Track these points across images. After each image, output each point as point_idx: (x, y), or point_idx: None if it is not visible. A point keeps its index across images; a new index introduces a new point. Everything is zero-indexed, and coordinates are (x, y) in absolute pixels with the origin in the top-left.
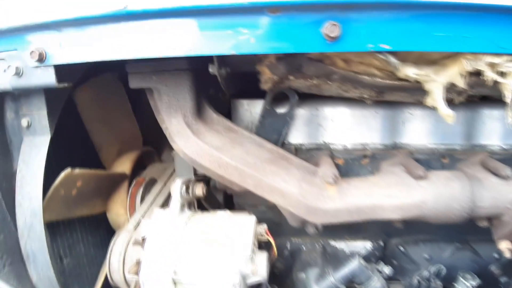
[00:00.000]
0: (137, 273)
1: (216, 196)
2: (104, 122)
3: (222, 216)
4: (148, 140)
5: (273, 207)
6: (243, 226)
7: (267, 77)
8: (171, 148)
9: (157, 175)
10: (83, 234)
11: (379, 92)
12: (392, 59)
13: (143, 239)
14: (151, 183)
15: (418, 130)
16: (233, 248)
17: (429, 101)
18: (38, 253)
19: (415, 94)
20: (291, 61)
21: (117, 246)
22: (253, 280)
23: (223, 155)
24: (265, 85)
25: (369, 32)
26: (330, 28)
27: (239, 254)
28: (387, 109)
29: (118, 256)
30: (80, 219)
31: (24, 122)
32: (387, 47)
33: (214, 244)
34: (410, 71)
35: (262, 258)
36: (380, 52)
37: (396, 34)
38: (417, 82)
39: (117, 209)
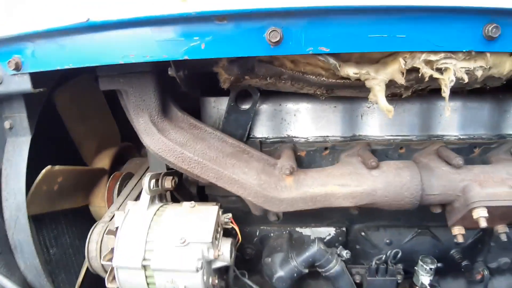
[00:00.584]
0: (111, 260)
1: (190, 188)
2: (83, 121)
3: (188, 206)
4: (128, 136)
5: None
6: (206, 215)
7: (224, 78)
8: None
9: (135, 170)
10: (67, 226)
11: (329, 90)
12: (331, 60)
13: (116, 229)
14: (128, 177)
15: (376, 122)
16: (196, 236)
17: (371, 97)
18: (24, 244)
19: (362, 90)
20: (243, 63)
21: (94, 236)
22: (218, 264)
23: (186, 150)
24: (224, 85)
25: (308, 36)
26: (272, 34)
27: (202, 241)
28: (346, 104)
29: (95, 245)
30: (64, 212)
31: (6, 124)
32: (325, 49)
33: (179, 232)
34: (350, 71)
35: (226, 244)
36: (320, 54)
37: (333, 37)
38: (359, 80)
39: (98, 202)
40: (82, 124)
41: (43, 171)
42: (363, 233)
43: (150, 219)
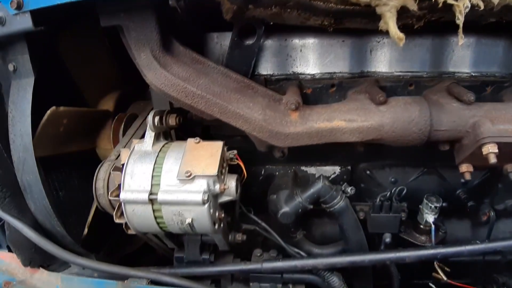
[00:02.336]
0: (118, 195)
1: (194, 128)
2: (86, 64)
3: (193, 142)
4: (131, 80)
5: (248, 137)
6: (211, 150)
7: (227, 7)
8: None
9: (138, 112)
10: (76, 169)
11: (338, 19)
12: None
13: (122, 166)
14: (132, 118)
15: (385, 58)
16: (201, 169)
17: (381, 25)
18: (33, 185)
19: (371, 19)
20: None
21: (101, 173)
22: (224, 199)
23: (189, 85)
24: (227, 16)
25: None
26: None
27: (207, 174)
28: (354, 38)
29: (102, 182)
30: (72, 155)
31: (10, 66)
32: None
33: (184, 166)
34: None
35: (232, 180)
36: None
37: None
38: (369, 6)
39: (104, 145)
40: (85, 67)
41: (48, 112)
42: (368, 172)
43: (155, 155)
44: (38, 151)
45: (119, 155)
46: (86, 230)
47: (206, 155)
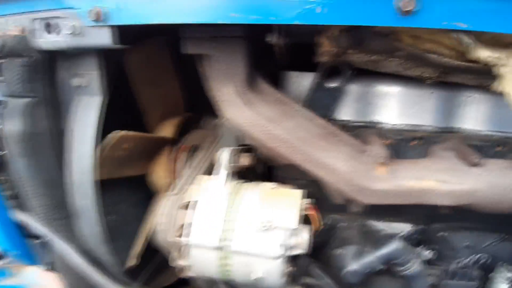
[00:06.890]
0: (182, 236)
1: (256, 167)
2: (150, 85)
3: (269, 187)
4: (188, 107)
5: (314, 182)
6: (290, 199)
7: (325, 50)
8: (210, 116)
9: (198, 142)
10: (125, 194)
11: (443, 72)
12: (466, 39)
13: (190, 204)
14: (194, 149)
15: (474, 115)
16: (281, 220)
17: (496, 86)
18: (88, 210)
19: (481, 77)
20: (355, 34)
21: (164, 208)
22: (295, 252)
23: (274, 127)
24: (322, 58)
25: (446, 8)
26: (405, 2)
27: (287, 227)
28: (444, 91)
29: (164, 218)
30: (123, 179)
31: (76, 82)
32: (463, 25)
33: (262, 214)
34: (483, 53)
35: (305, 232)
36: (454, 31)
37: (475, 12)
38: (486, 65)
39: (157, 172)
40: (150, 89)
41: (111, 135)
42: (442, 233)
43: (228, 196)
44: (95, 175)
45: (181, 189)
46: (134, 261)
47: (284, 203)
